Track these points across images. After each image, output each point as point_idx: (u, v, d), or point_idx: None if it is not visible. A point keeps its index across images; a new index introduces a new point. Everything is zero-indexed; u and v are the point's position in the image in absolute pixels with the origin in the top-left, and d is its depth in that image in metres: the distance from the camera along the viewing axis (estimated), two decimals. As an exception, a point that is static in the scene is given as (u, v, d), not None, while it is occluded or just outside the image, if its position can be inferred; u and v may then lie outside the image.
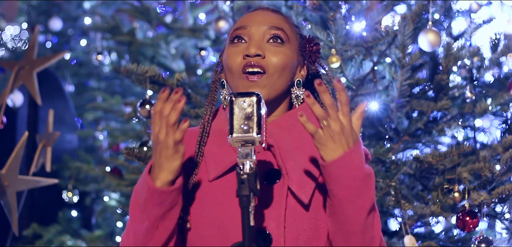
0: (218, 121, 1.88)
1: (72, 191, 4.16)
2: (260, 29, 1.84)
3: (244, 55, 1.81)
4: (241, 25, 1.86)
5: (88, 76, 5.82)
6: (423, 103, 2.85)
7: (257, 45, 1.81)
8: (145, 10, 4.40)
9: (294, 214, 1.76)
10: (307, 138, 1.78)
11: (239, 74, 1.81)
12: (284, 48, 1.83)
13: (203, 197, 1.80)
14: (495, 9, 4.13)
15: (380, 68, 2.89)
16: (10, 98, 4.19)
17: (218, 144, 1.84)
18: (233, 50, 1.84)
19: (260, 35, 1.83)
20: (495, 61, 3.05)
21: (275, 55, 1.81)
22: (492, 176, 2.63)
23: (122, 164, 3.80)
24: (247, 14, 1.91)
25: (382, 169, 2.70)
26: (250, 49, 1.80)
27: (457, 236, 2.95)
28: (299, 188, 1.76)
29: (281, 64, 1.82)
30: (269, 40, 1.83)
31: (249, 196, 1.58)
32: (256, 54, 1.80)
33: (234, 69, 1.82)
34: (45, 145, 3.04)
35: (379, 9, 2.85)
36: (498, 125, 3.00)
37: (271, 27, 1.84)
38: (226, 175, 1.80)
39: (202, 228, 1.79)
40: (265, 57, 1.81)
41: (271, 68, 1.80)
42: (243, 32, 1.84)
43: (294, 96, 1.87)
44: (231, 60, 1.83)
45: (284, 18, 1.89)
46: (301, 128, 1.77)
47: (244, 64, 1.80)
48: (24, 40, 5.85)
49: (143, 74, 2.72)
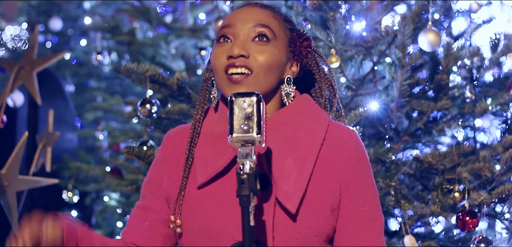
0: (209, 121, 1.85)
1: (72, 191, 4.16)
2: (245, 27, 1.79)
3: (227, 56, 1.77)
4: (227, 23, 1.82)
5: (88, 76, 5.82)
6: (423, 103, 2.85)
7: (241, 45, 1.76)
8: (145, 10, 4.40)
9: (284, 223, 1.72)
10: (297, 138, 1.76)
11: (222, 75, 1.78)
12: (270, 46, 1.78)
13: (193, 204, 1.78)
14: (495, 9, 4.14)
15: (380, 68, 2.89)
16: (10, 98, 4.19)
17: (207, 146, 1.80)
18: (218, 50, 1.80)
19: (245, 33, 1.79)
20: (495, 61, 3.05)
21: (260, 54, 1.76)
22: (492, 176, 2.63)
23: (122, 164, 3.80)
24: (234, 11, 1.86)
25: (382, 169, 2.70)
26: (234, 49, 1.76)
27: (457, 236, 2.95)
28: (286, 197, 1.71)
29: (267, 62, 1.77)
30: (254, 38, 1.78)
31: (249, 196, 1.57)
32: (240, 54, 1.76)
33: (218, 69, 1.79)
34: (45, 145, 3.04)
35: (379, 9, 2.85)
36: (498, 125, 3.00)
37: (257, 24, 1.79)
38: (215, 181, 1.77)
39: (194, 237, 1.77)
40: (249, 57, 1.76)
41: (256, 67, 1.76)
42: (228, 31, 1.80)
43: (284, 94, 1.82)
44: (215, 60, 1.79)
45: (272, 14, 1.83)
46: (292, 127, 1.76)
47: (227, 65, 1.76)
48: (24, 40, 5.85)
49: (143, 73, 2.72)
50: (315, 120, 1.80)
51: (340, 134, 1.81)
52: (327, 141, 1.78)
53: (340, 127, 1.84)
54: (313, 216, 1.73)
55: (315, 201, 1.74)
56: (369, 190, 1.81)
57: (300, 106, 1.82)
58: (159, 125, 2.87)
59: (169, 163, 1.86)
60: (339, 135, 1.80)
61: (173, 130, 1.92)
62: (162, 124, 2.87)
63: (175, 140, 1.88)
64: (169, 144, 1.88)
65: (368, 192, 1.81)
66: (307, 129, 1.78)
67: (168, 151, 1.88)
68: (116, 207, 4.33)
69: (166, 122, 2.88)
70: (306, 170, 1.73)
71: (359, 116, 2.61)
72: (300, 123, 1.79)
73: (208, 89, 1.87)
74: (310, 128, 1.78)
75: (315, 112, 1.82)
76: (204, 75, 1.89)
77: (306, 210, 1.72)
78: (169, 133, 1.91)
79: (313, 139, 1.77)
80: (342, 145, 1.79)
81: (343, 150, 1.78)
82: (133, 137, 4.20)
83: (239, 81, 1.75)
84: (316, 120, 1.80)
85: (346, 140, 1.80)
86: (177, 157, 1.85)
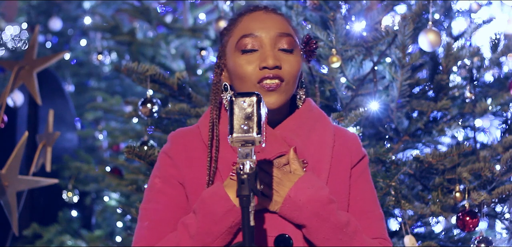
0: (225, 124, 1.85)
1: (72, 191, 4.16)
2: (269, 36, 1.82)
3: (261, 67, 1.79)
4: (249, 32, 1.83)
5: (88, 76, 5.82)
6: (423, 103, 2.85)
7: (274, 56, 1.80)
8: (145, 10, 4.41)
9: None
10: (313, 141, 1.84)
11: (254, 85, 1.80)
12: (294, 54, 1.84)
13: None
14: (495, 9, 4.14)
15: (380, 68, 2.89)
16: (10, 98, 4.19)
17: (229, 149, 1.82)
18: (245, 59, 1.81)
19: (272, 43, 1.82)
20: (495, 61, 3.05)
21: (290, 64, 1.81)
22: (492, 176, 2.63)
23: (122, 164, 3.80)
24: (250, 17, 1.87)
25: (382, 169, 2.70)
26: (268, 60, 1.79)
27: (457, 236, 2.95)
28: None
29: (295, 72, 1.83)
30: (281, 49, 1.82)
31: (249, 196, 1.58)
32: (275, 66, 1.79)
33: (249, 79, 1.80)
34: (45, 145, 3.04)
35: (379, 9, 2.85)
36: (498, 125, 3.00)
37: (281, 34, 1.83)
38: None
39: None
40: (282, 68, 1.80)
41: (287, 76, 1.80)
42: (252, 40, 1.82)
43: (298, 98, 1.90)
44: (244, 70, 1.81)
45: (288, 21, 1.89)
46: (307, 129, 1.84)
47: (262, 76, 1.79)
48: (24, 40, 5.85)
49: (143, 73, 2.72)
50: (324, 123, 1.90)
51: (345, 138, 1.92)
52: (336, 144, 1.88)
53: (344, 130, 1.95)
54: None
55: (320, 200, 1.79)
56: (371, 189, 1.93)
57: (309, 110, 1.90)
58: (159, 124, 2.87)
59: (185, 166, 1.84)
60: (345, 139, 1.91)
61: (176, 133, 1.91)
62: (162, 124, 2.87)
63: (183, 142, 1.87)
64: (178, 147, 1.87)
65: (372, 191, 1.93)
66: (319, 132, 1.87)
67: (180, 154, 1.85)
68: (116, 207, 4.33)
69: (166, 122, 2.88)
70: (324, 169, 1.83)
71: (359, 116, 2.61)
72: (313, 126, 1.87)
73: (219, 93, 1.88)
74: (322, 131, 1.87)
75: (321, 115, 1.92)
76: (214, 79, 1.89)
77: None
78: (174, 136, 1.90)
79: (326, 141, 1.86)
80: (348, 148, 1.90)
81: (350, 153, 1.89)
82: (133, 136, 4.20)
83: (274, 89, 1.79)
84: (325, 124, 1.90)
85: (351, 143, 1.91)
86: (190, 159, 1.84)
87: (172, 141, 1.88)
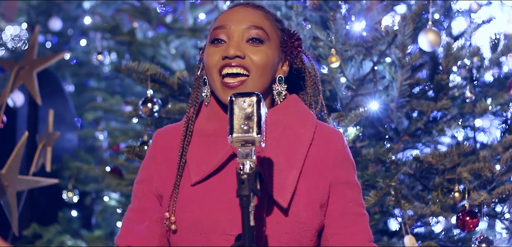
0: (200, 120, 1.88)
1: (72, 191, 4.16)
2: (239, 28, 1.82)
3: (222, 56, 1.80)
4: (220, 24, 1.85)
5: (88, 76, 5.82)
6: (423, 103, 2.85)
7: (236, 45, 1.80)
8: (145, 10, 4.40)
9: (275, 218, 1.77)
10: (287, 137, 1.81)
11: (217, 76, 1.81)
12: (264, 47, 1.82)
13: (186, 201, 1.80)
14: (495, 9, 4.13)
15: (380, 68, 2.89)
16: (10, 98, 4.19)
17: (200, 145, 1.83)
18: (212, 50, 1.83)
19: (239, 34, 1.82)
20: (495, 61, 3.05)
21: (255, 55, 1.81)
22: (492, 176, 2.63)
23: (122, 164, 3.80)
24: (227, 11, 1.89)
25: (382, 169, 2.71)
26: (229, 50, 1.79)
27: (457, 236, 2.95)
28: (278, 192, 1.76)
29: (262, 63, 1.81)
30: (248, 40, 1.82)
31: (249, 196, 1.58)
32: (236, 55, 1.79)
33: (212, 69, 1.82)
34: (45, 145, 3.04)
35: (379, 9, 2.85)
36: (498, 125, 3.00)
37: (251, 26, 1.82)
38: (208, 178, 1.80)
39: (185, 232, 1.80)
40: (245, 57, 1.80)
41: (252, 68, 1.80)
42: (222, 32, 1.83)
43: (275, 93, 1.87)
44: (209, 60, 1.83)
45: (265, 14, 1.87)
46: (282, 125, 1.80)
47: (222, 65, 1.80)
48: (24, 40, 5.85)
49: (144, 72, 2.72)
50: (304, 120, 1.86)
51: (327, 134, 1.87)
52: (316, 141, 1.84)
53: (327, 127, 1.90)
54: (303, 211, 1.78)
55: (305, 197, 1.79)
56: (355, 187, 1.88)
57: (289, 106, 1.87)
58: (159, 124, 2.87)
59: (159, 162, 1.88)
60: (326, 135, 1.87)
61: (162, 130, 1.94)
62: (162, 123, 2.87)
63: (164, 139, 1.90)
64: (158, 143, 1.91)
65: (355, 189, 1.87)
66: (296, 128, 1.83)
67: (157, 150, 1.90)
68: (116, 207, 4.32)
69: (166, 122, 2.88)
70: (296, 167, 1.78)
71: (359, 116, 2.61)
72: (289, 122, 1.84)
73: (199, 88, 1.90)
74: (299, 127, 1.84)
75: (304, 112, 1.88)
76: (196, 74, 1.91)
77: (297, 205, 1.78)
78: (158, 133, 1.94)
79: (302, 138, 1.82)
80: (329, 144, 1.85)
81: (331, 150, 1.85)
82: (133, 136, 4.19)
83: (236, 86, 1.79)
84: (305, 120, 1.86)
85: (334, 140, 1.86)
86: (167, 155, 1.87)
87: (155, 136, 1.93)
